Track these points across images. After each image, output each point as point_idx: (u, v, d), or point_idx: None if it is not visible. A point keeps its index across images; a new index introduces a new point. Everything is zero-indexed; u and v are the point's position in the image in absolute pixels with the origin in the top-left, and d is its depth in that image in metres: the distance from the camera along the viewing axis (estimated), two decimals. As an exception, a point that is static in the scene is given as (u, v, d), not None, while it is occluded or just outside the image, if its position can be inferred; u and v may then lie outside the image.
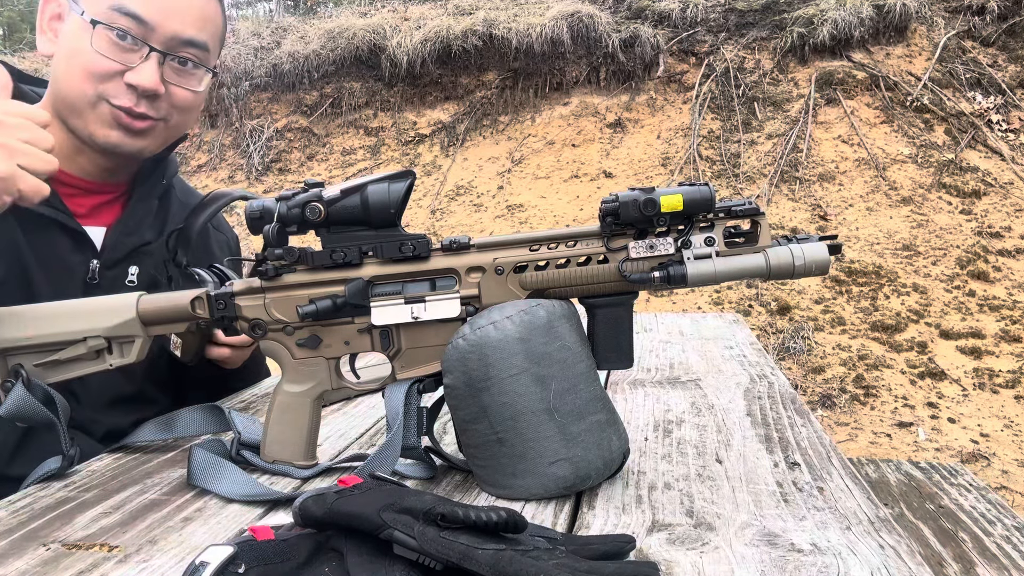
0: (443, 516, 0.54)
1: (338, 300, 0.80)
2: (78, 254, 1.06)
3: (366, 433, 1.02)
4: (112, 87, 1.01)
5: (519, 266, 0.81)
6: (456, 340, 0.76)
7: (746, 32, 6.33)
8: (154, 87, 1.01)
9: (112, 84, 1.01)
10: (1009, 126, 5.35)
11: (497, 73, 6.46)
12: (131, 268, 1.11)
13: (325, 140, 6.58)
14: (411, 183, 0.80)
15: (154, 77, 1.01)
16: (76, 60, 1.00)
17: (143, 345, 0.87)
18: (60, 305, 0.87)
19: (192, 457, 0.82)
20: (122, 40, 0.99)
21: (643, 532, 0.67)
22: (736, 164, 5.42)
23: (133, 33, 0.99)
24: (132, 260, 1.12)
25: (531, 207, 5.52)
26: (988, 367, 3.73)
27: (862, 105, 5.63)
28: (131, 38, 0.99)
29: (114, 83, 1.01)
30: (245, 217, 0.82)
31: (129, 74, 1.00)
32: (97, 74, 1.00)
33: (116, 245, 1.10)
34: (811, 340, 4.00)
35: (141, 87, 1.00)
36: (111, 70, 1.00)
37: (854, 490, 0.76)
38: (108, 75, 1.00)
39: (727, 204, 0.78)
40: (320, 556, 0.57)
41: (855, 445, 3.23)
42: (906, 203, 4.89)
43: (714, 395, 1.15)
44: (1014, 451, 3.16)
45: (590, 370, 0.78)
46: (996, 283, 4.29)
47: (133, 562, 0.64)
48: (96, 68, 1.00)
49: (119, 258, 1.10)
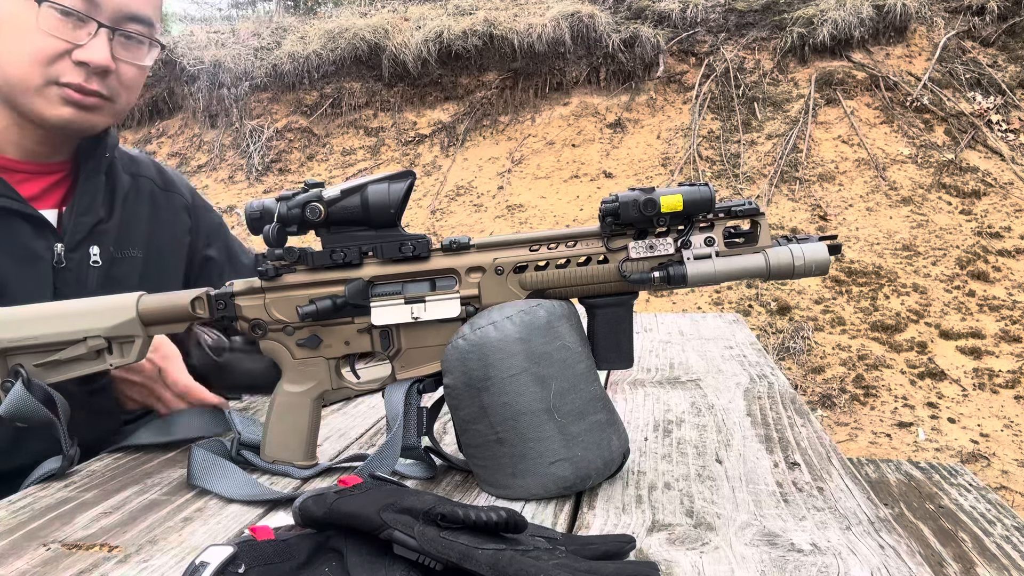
0: (443, 516, 0.54)
1: (338, 300, 0.80)
2: (40, 240, 1.05)
3: (366, 433, 1.02)
4: (60, 67, 0.98)
5: (519, 266, 0.81)
6: (456, 340, 0.76)
7: (746, 32, 6.33)
8: (106, 63, 0.99)
9: (60, 64, 0.98)
10: (1009, 126, 5.35)
11: (497, 73, 6.46)
12: (92, 248, 1.10)
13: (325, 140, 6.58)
14: (411, 183, 0.80)
15: (105, 53, 0.99)
16: (19, 43, 0.97)
17: (143, 345, 0.87)
18: (60, 305, 0.87)
19: (192, 457, 0.82)
20: (68, 17, 0.97)
21: (643, 532, 0.67)
22: (736, 164, 5.42)
23: (79, 9, 0.97)
24: (91, 240, 1.10)
25: (531, 207, 5.52)
26: (988, 367, 3.73)
27: (862, 105, 5.63)
28: (77, 15, 0.97)
29: (62, 63, 0.98)
30: (245, 217, 0.82)
31: (78, 51, 0.98)
32: (44, 57, 0.97)
33: (76, 227, 1.08)
34: (811, 340, 4.00)
35: (93, 63, 0.98)
36: (58, 50, 0.97)
37: (854, 490, 0.76)
38: (55, 56, 0.98)
39: (727, 204, 0.78)
40: (320, 556, 0.57)
41: (855, 445, 3.23)
42: (906, 203, 4.89)
43: (714, 395, 1.15)
44: (1014, 451, 3.16)
45: (590, 370, 0.78)
46: (996, 283, 4.29)
47: (133, 562, 0.64)
48: (43, 51, 0.97)
49: (80, 239, 1.09)
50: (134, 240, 1.17)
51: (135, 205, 1.19)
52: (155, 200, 1.24)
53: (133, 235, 1.17)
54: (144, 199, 1.22)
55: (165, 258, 1.22)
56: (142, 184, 1.23)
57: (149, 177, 1.25)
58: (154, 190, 1.24)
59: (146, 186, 1.23)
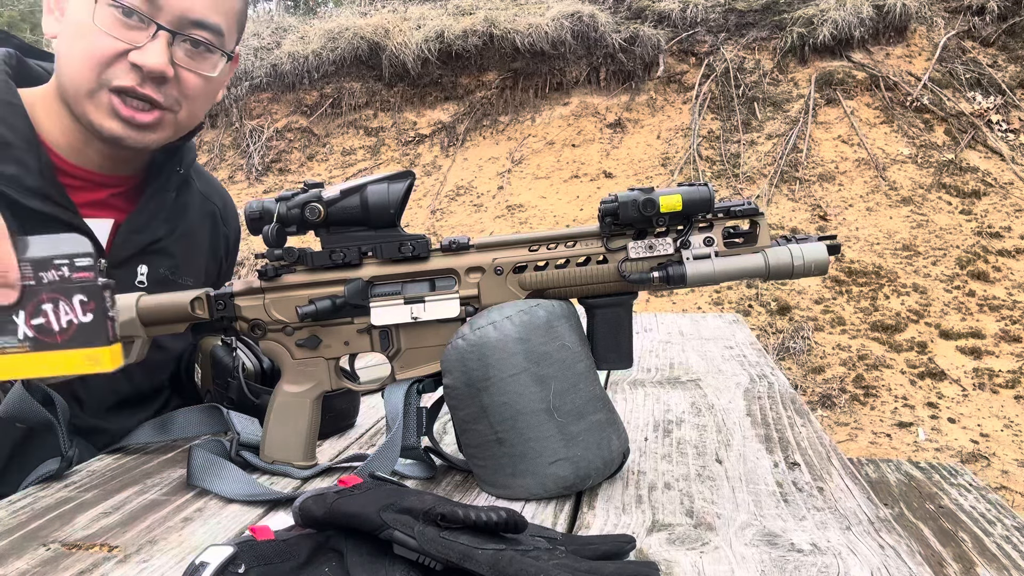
0: (443, 516, 0.54)
1: (337, 300, 0.80)
2: None
3: (366, 433, 1.02)
4: (115, 70, 0.93)
5: (518, 266, 0.81)
6: (455, 340, 0.76)
7: (746, 32, 6.33)
8: (162, 68, 0.93)
9: (115, 67, 0.93)
10: (1009, 126, 5.35)
11: (497, 73, 6.46)
12: (140, 267, 1.06)
13: (325, 140, 6.58)
14: (411, 183, 0.80)
15: (162, 58, 0.93)
16: (78, 41, 0.94)
17: (143, 345, 0.86)
18: (60, 305, 0.87)
19: (192, 457, 0.82)
20: (127, 17, 0.92)
21: (643, 532, 0.67)
22: (736, 164, 5.42)
23: (139, 9, 0.92)
24: (141, 259, 1.06)
25: (531, 207, 5.52)
26: (988, 367, 3.73)
27: (862, 105, 5.63)
28: (137, 15, 0.92)
29: (118, 65, 0.93)
30: (245, 217, 0.82)
31: (134, 53, 0.93)
32: (100, 57, 0.93)
33: (124, 243, 1.05)
34: (811, 340, 4.00)
35: (147, 68, 0.93)
36: (115, 51, 0.92)
37: (854, 490, 0.76)
38: (111, 57, 0.93)
39: (726, 204, 0.78)
40: (320, 556, 0.57)
41: (855, 445, 3.23)
42: (906, 203, 4.89)
43: (714, 395, 1.15)
44: (1014, 451, 3.16)
45: (590, 370, 0.78)
46: (996, 283, 4.29)
47: (133, 562, 0.64)
48: (98, 50, 0.92)
49: (127, 256, 1.05)
50: (192, 270, 1.13)
51: (201, 233, 1.16)
52: (215, 231, 1.21)
53: (193, 264, 1.13)
54: (207, 228, 1.18)
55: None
56: (208, 210, 1.19)
57: (216, 205, 1.21)
58: (216, 221, 1.21)
59: (210, 214, 1.20)
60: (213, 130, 6.88)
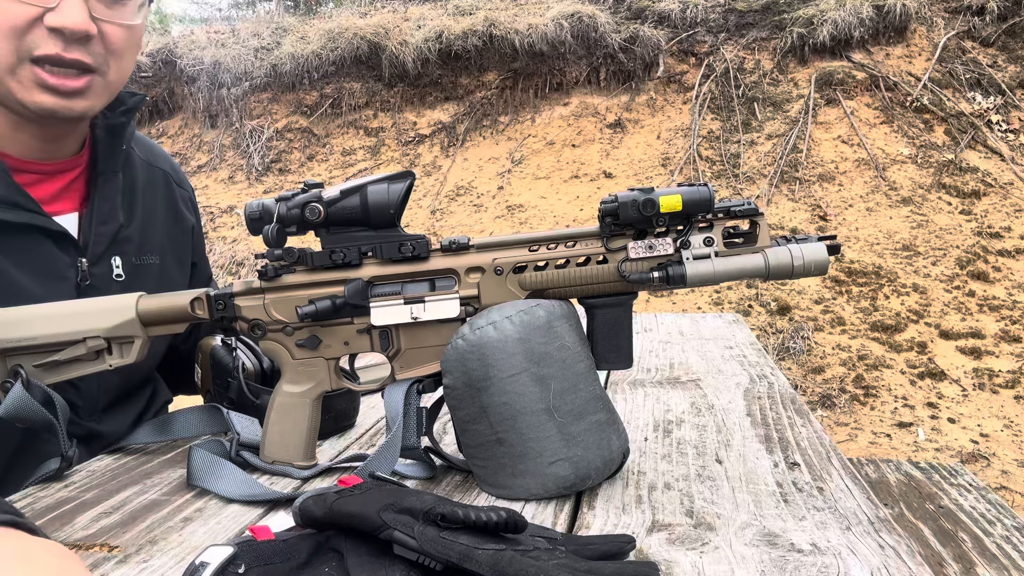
0: (443, 516, 0.54)
1: (337, 301, 0.80)
2: (63, 255, 0.96)
3: (366, 433, 1.02)
4: (32, 38, 0.85)
5: (518, 266, 0.81)
6: (455, 340, 0.76)
7: (746, 32, 6.33)
8: (84, 27, 0.85)
9: (32, 35, 0.84)
10: (1009, 126, 5.35)
11: (497, 73, 6.46)
12: (114, 259, 1.01)
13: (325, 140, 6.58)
14: (411, 184, 0.80)
15: (82, 14, 0.85)
16: None
17: (142, 346, 0.86)
18: (60, 305, 0.87)
19: (192, 457, 0.82)
20: None
21: (643, 532, 0.67)
22: (736, 164, 5.42)
23: None
24: (113, 250, 1.01)
25: (531, 207, 5.52)
26: (988, 367, 3.73)
27: (862, 105, 5.63)
28: None
29: (34, 33, 0.84)
30: (245, 217, 0.82)
31: (50, 16, 0.84)
32: (12, 27, 0.84)
33: (97, 237, 0.99)
34: (811, 340, 4.00)
35: (68, 29, 0.84)
36: (28, 16, 0.84)
37: (854, 490, 0.76)
38: (26, 25, 0.84)
39: (726, 204, 0.78)
40: (320, 556, 0.57)
41: (855, 445, 3.22)
42: (906, 203, 4.89)
43: (714, 395, 1.15)
44: (1014, 451, 3.15)
45: (589, 370, 0.78)
46: (996, 283, 4.29)
47: (133, 562, 0.64)
48: (10, 19, 0.84)
49: (101, 251, 1.00)
50: (152, 245, 1.08)
51: (152, 203, 1.09)
52: (170, 195, 1.14)
53: (151, 239, 1.08)
54: (159, 195, 1.12)
55: (177, 263, 1.14)
56: (156, 177, 1.12)
57: (164, 169, 1.14)
58: (169, 183, 1.14)
59: (160, 179, 1.13)
60: (213, 130, 6.88)
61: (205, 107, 6.89)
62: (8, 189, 0.92)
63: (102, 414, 1.06)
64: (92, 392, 1.03)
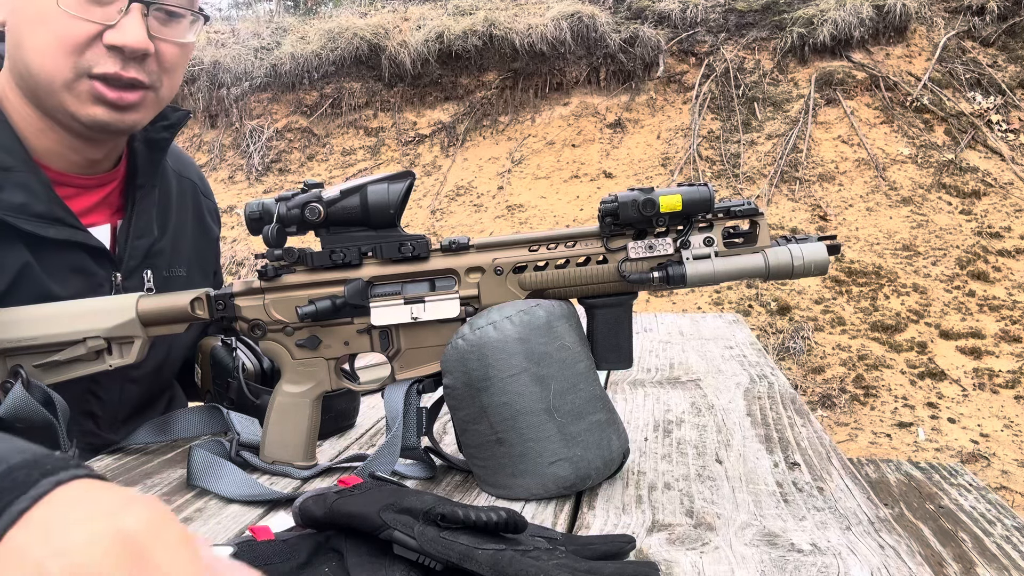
0: (443, 516, 0.54)
1: (337, 301, 0.80)
2: (100, 270, 0.96)
3: (366, 433, 1.02)
4: (92, 55, 0.85)
5: (518, 266, 0.81)
6: (455, 340, 0.76)
7: (746, 32, 6.33)
8: (143, 45, 0.85)
9: (92, 52, 0.85)
10: (1009, 126, 5.35)
11: (497, 73, 6.46)
12: (146, 273, 1.01)
13: (325, 140, 6.58)
14: (410, 184, 0.80)
15: (141, 33, 0.85)
16: (43, 29, 0.84)
17: (142, 346, 0.86)
18: (60, 306, 0.87)
19: (192, 457, 0.82)
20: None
21: (643, 532, 0.67)
22: (736, 164, 5.42)
23: None
24: (145, 264, 1.02)
25: (531, 207, 5.52)
26: (988, 367, 3.73)
27: (862, 105, 5.63)
28: None
29: (93, 49, 0.85)
30: (245, 217, 0.82)
31: (109, 33, 0.84)
32: (72, 45, 0.84)
33: (132, 252, 1.00)
34: (811, 340, 4.00)
35: (127, 47, 0.84)
36: (88, 34, 0.84)
37: (854, 490, 0.76)
38: (85, 42, 0.84)
39: (726, 204, 0.78)
40: (320, 556, 0.57)
41: (855, 445, 3.22)
42: (906, 203, 4.89)
43: (714, 395, 1.15)
44: (1014, 451, 3.15)
45: (589, 370, 0.78)
46: (996, 283, 4.29)
47: (133, 562, 0.64)
48: (70, 37, 0.84)
49: (135, 266, 1.00)
50: (181, 257, 1.08)
51: (183, 216, 1.10)
52: (197, 207, 1.14)
53: (181, 251, 1.08)
54: (189, 207, 1.12)
55: (202, 274, 1.13)
56: (186, 188, 1.12)
57: (192, 180, 1.14)
58: (197, 194, 1.15)
59: (189, 190, 1.13)
60: (213, 130, 6.88)
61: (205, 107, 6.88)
62: (50, 204, 0.91)
63: (122, 424, 1.04)
64: (114, 403, 1.01)
